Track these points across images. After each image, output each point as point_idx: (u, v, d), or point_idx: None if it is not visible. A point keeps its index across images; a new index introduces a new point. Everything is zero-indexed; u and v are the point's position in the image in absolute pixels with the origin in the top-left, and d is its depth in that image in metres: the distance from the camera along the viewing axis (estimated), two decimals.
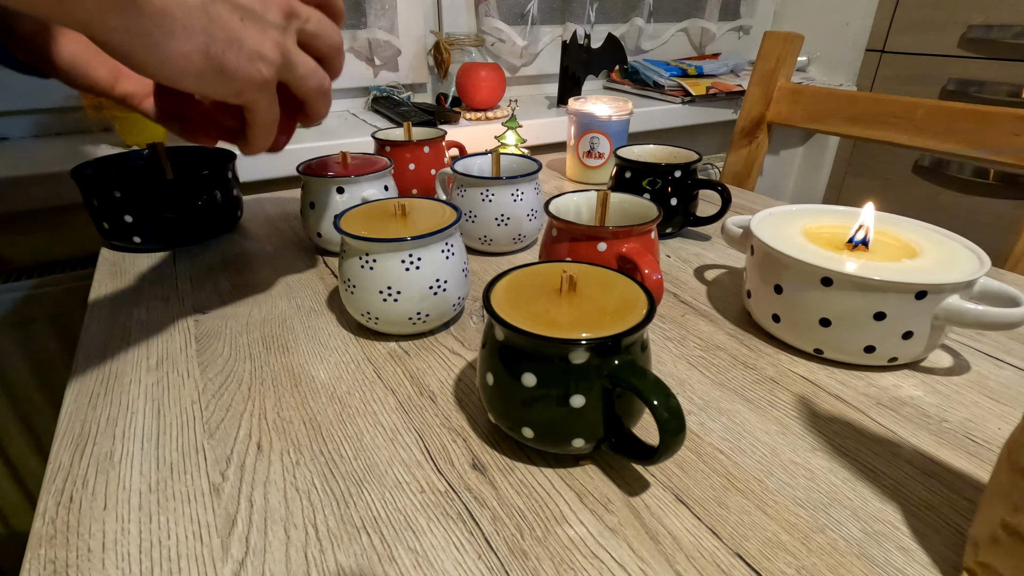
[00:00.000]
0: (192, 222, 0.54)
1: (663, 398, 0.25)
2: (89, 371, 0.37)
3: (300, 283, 0.49)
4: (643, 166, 0.55)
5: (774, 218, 0.43)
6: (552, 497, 0.28)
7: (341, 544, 0.25)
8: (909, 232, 0.40)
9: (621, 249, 0.39)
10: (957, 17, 1.15)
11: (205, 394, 0.35)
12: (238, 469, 0.29)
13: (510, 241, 0.53)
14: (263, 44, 0.29)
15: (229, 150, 0.58)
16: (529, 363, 0.27)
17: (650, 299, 0.29)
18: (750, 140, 0.87)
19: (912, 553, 0.25)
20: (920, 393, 0.35)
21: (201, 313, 0.44)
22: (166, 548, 0.25)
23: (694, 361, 0.38)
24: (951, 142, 0.68)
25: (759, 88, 0.85)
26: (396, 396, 0.35)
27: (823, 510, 0.27)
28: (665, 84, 1.10)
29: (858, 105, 0.76)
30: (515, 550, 0.25)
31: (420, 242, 0.37)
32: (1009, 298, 0.34)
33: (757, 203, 0.71)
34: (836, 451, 0.30)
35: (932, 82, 1.21)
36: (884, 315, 0.34)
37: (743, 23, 1.37)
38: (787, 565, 0.24)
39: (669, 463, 0.30)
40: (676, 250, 0.56)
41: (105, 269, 0.51)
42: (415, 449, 0.31)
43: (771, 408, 0.34)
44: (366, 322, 0.40)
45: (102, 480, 0.29)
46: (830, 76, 1.36)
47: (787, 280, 0.37)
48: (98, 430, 0.32)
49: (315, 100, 0.34)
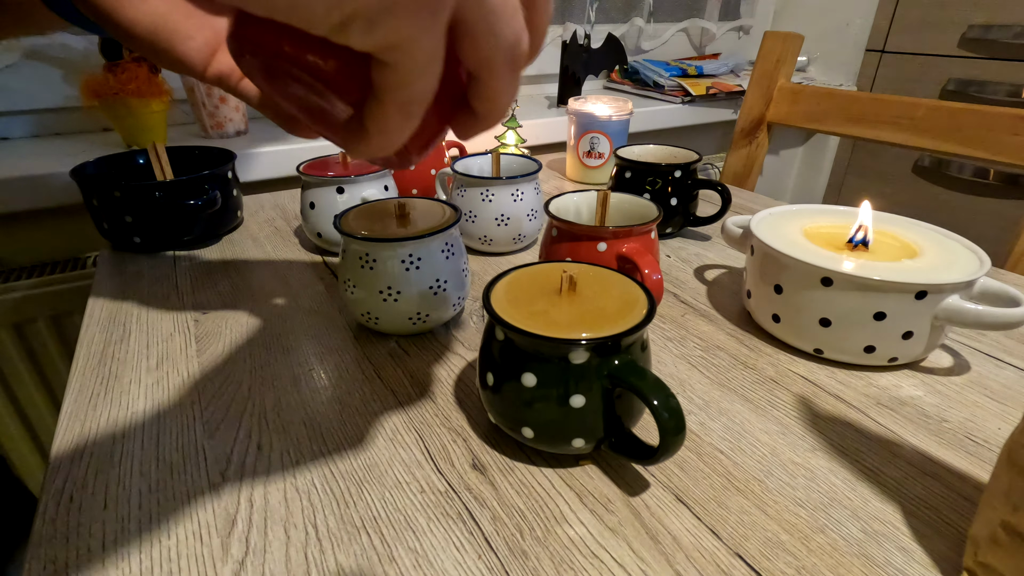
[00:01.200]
0: (192, 222, 0.54)
1: (663, 398, 0.25)
2: (89, 371, 0.37)
3: (300, 283, 0.49)
4: (643, 166, 0.55)
5: (774, 218, 0.42)
6: (552, 497, 0.28)
7: (341, 544, 0.25)
8: (909, 232, 0.40)
9: (621, 249, 0.39)
10: (957, 17, 1.15)
11: (205, 394, 0.35)
12: (238, 469, 0.29)
13: (510, 241, 0.53)
14: None
15: (228, 150, 0.58)
16: (529, 363, 0.27)
17: (650, 299, 0.29)
18: (750, 140, 0.87)
19: (912, 553, 0.25)
20: (920, 393, 0.35)
21: (201, 313, 0.44)
22: (166, 548, 0.25)
23: (694, 361, 0.38)
24: (951, 142, 0.68)
25: (759, 88, 0.85)
26: (396, 396, 0.35)
27: (823, 510, 0.27)
28: (665, 84, 1.10)
29: (858, 105, 0.76)
30: (515, 550, 0.25)
31: (420, 242, 0.37)
32: (1009, 298, 0.34)
33: (757, 203, 0.71)
34: (836, 451, 0.30)
35: (932, 82, 1.21)
36: (884, 315, 0.34)
37: (743, 23, 1.37)
38: (787, 565, 0.24)
39: (669, 463, 0.30)
40: (676, 250, 0.56)
41: (105, 269, 0.51)
42: (415, 449, 0.31)
43: (771, 408, 0.34)
44: (366, 322, 0.40)
45: (102, 480, 0.29)
46: (830, 76, 1.36)
47: (787, 280, 0.37)
48: (98, 430, 0.32)
49: (501, 71, 0.19)
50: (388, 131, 0.18)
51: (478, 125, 0.21)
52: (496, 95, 0.20)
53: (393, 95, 0.17)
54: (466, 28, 0.17)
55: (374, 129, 0.18)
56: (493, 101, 0.20)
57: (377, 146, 0.19)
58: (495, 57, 0.18)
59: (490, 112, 0.20)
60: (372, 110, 0.18)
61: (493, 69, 0.18)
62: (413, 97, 0.17)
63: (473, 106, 0.20)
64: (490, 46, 0.18)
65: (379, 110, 0.18)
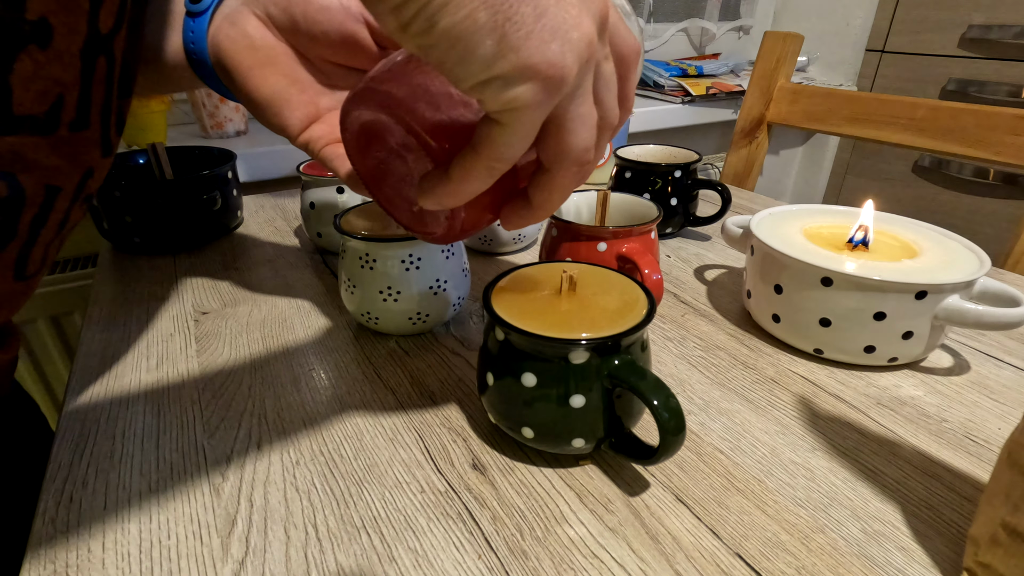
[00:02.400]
0: (192, 222, 0.54)
1: (663, 398, 0.25)
2: (89, 371, 0.37)
3: (300, 283, 0.49)
4: (643, 166, 0.55)
5: (774, 218, 0.43)
6: (552, 497, 0.28)
7: (341, 544, 0.25)
8: (909, 232, 0.40)
9: (621, 249, 0.39)
10: (957, 17, 1.15)
11: (205, 394, 0.35)
12: (238, 469, 0.29)
13: (510, 241, 0.53)
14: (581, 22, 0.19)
15: (228, 150, 0.58)
16: (529, 363, 0.27)
17: (650, 299, 0.29)
18: (750, 140, 0.87)
19: (912, 553, 0.25)
20: (920, 393, 0.35)
21: (201, 313, 0.44)
22: (166, 548, 0.25)
23: (694, 361, 0.38)
24: (951, 142, 0.68)
25: (759, 88, 0.85)
26: (396, 396, 0.35)
27: (823, 510, 0.27)
28: (665, 84, 1.10)
29: (858, 105, 0.76)
30: (515, 550, 0.25)
31: (420, 242, 0.37)
32: (1009, 298, 0.34)
33: (757, 203, 0.71)
34: (836, 451, 0.30)
35: (932, 82, 1.21)
36: (884, 315, 0.34)
37: (743, 23, 1.37)
38: (787, 565, 0.24)
39: (669, 463, 0.30)
40: (676, 250, 0.56)
41: (105, 269, 0.51)
42: (415, 449, 0.31)
43: (771, 408, 0.34)
44: (366, 322, 0.40)
45: (102, 480, 0.29)
46: (830, 76, 1.36)
47: (787, 280, 0.37)
48: (98, 430, 0.32)
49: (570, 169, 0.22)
50: (469, 181, 0.21)
51: (530, 215, 0.25)
52: (557, 189, 0.23)
53: (490, 150, 0.20)
54: (557, 123, 0.21)
55: (458, 176, 0.21)
56: (552, 193, 0.23)
57: (451, 192, 0.22)
58: (569, 155, 0.21)
59: (545, 203, 0.24)
60: (465, 159, 0.21)
61: (564, 165, 0.22)
62: (505, 156, 0.21)
63: (530, 195, 0.24)
64: (569, 144, 0.21)
65: (472, 160, 0.21)
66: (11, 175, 0.25)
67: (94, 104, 0.27)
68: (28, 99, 0.24)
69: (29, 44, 0.23)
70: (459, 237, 0.27)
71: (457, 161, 0.21)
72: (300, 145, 0.32)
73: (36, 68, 0.23)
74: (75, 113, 0.26)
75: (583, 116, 0.21)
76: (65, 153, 0.26)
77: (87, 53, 0.25)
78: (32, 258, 0.28)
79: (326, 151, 0.32)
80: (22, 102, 0.24)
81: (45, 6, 0.22)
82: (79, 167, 0.28)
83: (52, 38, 0.23)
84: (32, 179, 0.26)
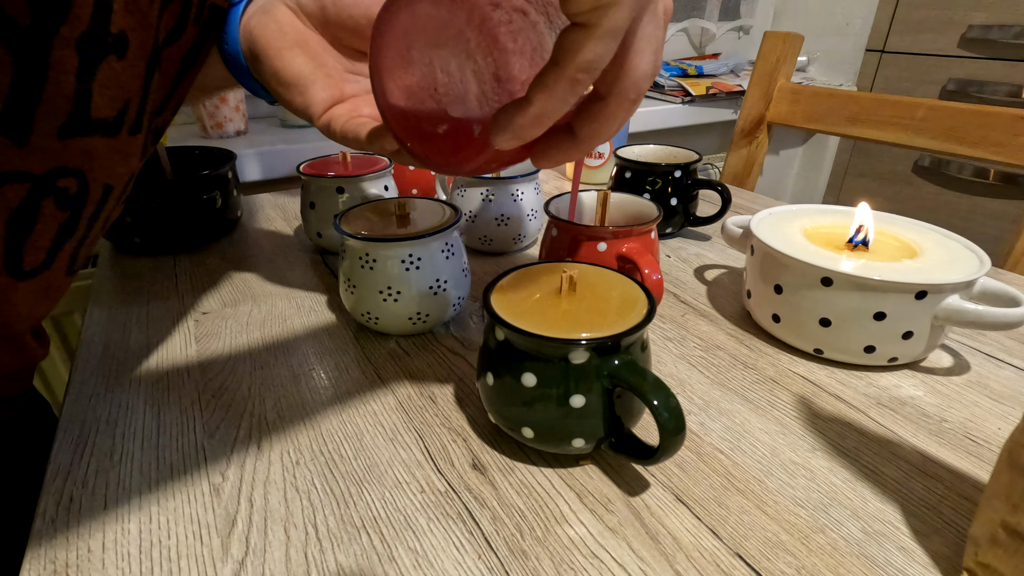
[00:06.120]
0: (192, 222, 0.54)
1: (663, 398, 0.25)
2: (89, 371, 0.37)
3: (300, 283, 0.49)
4: (643, 166, 0.55)
5: (774, 218, 0.43)
6: (552, 497, 0.28)
7: (341, 544, 0.25)
8: (909, 232, 0.40)
9: (621, 249, 0.39)
10: (957, 17, 1.15)
11: (205, 394, 0.35)
12: (238, 469, 0.29)
13: (510, 241, 0.53)
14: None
15: (228, 150, 0.58)
16: (529, 363, 0.27)
17: (650, 299, 0.29)
18: (750, 140, 0.87)
19: (912, 553, 0.25)
20: (920, 393, 0.35)
21: (201, 313, 0.44)
22: (166, 548, 0.25)
23: (694, 361, 0.38)
24: (951, 142, 0.68)
25: (759, 88, 0.85)
26: (396, 396, 0.35)
27: (823, 510, 0.27)
28: (665, 84, 1.10)
29: (858, 105, 0.76)
30: (515, 550, 0.25)
31: (420, 242, 0.37)
32: (1009, 298, 0.34)
33: (757, 203, 0.71)
34: (836, 451, 0.30)
35: (932, 82, 1.21)
36: (884, 315, 0.34)
37: (743, 23, 1.37)
38: (787, 565, 0.24)
39: (669, 463, 0.30)
40: (676, 250, 0.56)
41: (105, 269, 0.51)
42: (415, 449, 0.31)
43: (771, 408, 0.34)
44: (366, 322, 0.40)
45: (102, 480, 0.29)
46: (830, 76, 1.37)
47: (787, 280, 0.37)
48: (98, 430, 0.32)
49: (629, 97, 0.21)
50: (552, 100, 0.19)
51: (573, 149, 0.22)
52: (609, 119, 0.21)
53: (576, 57, 0.18)
54: (626, 42, 0.19)
55: (540, 97, 0.19)
56: (602, 124, 0.21)
57: (533, 117, 0.20)
58: (630, 78, 0.20)
59: (592, 135, 0.22)
60: (547, 75, 0.19)
61: (622, 92, 0.20)
62: (592, 64, 0.18)
63: (576, 128, 0.22)
64: (633, 66, 0.20)
65: (554, 74, 0.19)
66: (81, 173, 0.27)
67: (147, 112, 0.30)
68: (103, 104, 0.26)
69: (110, 54, 0.25)
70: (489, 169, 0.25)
71: (537, 81, 0.19)
72: (322, 125, 0.32)
73: (113, 76, 0.26)
74: (135, 118, 0.29)
75: (650, 36, 0.20)
76: (122, 155, 0.29)
77: (150, 65, 0.28)
78: (82, 253, 0.31)
79: (349, 123, 0.31)
80: (99, 107, 0.26)
81: (125, 21, 0.26)
82: (129, 168, 0.30)
83: (128, 49, 0.26)
84: (95, 177, 0.28)
